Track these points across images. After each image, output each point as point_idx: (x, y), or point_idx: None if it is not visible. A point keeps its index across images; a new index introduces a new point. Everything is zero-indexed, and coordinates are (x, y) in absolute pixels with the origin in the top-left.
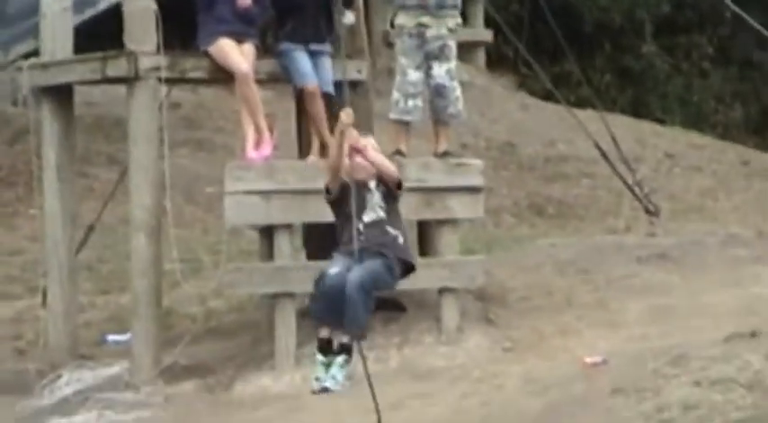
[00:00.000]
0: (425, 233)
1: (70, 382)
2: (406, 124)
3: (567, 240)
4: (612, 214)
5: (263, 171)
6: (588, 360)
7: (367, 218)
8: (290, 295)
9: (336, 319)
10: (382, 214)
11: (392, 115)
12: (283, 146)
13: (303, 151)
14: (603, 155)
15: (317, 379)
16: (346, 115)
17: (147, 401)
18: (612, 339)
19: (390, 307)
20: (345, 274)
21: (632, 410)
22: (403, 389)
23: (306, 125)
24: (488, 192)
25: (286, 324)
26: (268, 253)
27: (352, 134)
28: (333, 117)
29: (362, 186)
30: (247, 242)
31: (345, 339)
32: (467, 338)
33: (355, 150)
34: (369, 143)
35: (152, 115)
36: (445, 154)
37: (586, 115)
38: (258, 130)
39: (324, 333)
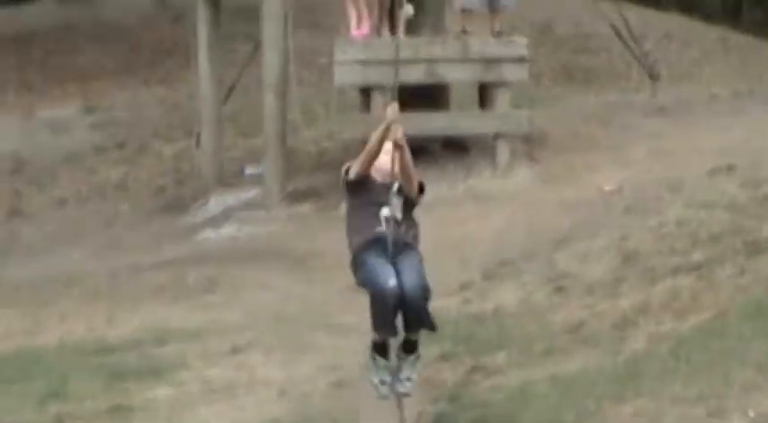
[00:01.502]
0: (485, 92)
1: (217, 203)
2: (469, 11)
3: (591, 99)
4: (624, 79)
5: (362, 45)
6: (607, 188)
7: (386, 213)
8: None
9: (392, 329)
10: (399, 216)
11: (457, 4)
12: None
13: (392, 30)
14: (618, 33)
15: (383, 383)
16: (393, 110)
17: (275, 218)
18: (625, 172)
19: (457, 148)
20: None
21: (640, 226)
22: (467, 209)
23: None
24: (531, 61)
25: None
26: (366, 106)
27: (398, 130)
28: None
29: (386, 185)
30: (351, 98)
31: (413, 337)
32: (515, 172)
33: (397, 147)
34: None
35: (280, 2)
36: (499, 33)
37: (605, 4)
38: (359, 14)
39: (379, 338)
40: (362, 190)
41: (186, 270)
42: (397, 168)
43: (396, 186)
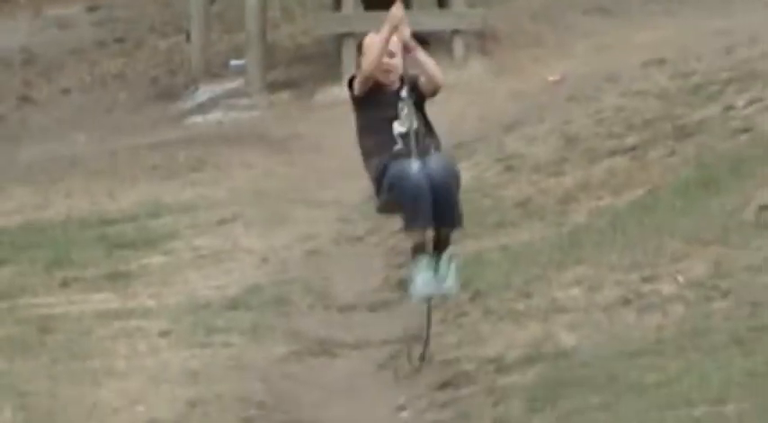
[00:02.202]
0: None
1: (205, 92)
2: None
3: None
4: None
5: None
6: (551, 78)
7: (401, 128)
8: (352, 34)
9: (428, 218)
10: (416, 125)
11: None
12: None
13: None
14: None
15: (427, 283)
16: (398, 9)
17: (257, 105)
18: (568, 65)
19: (419, 43)
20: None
21: (580, 112)
22: None
23: None
24: None
25: (349, 53)
26: (337, 6)
27: (405, 31)
28: None
29: (394, 93)
30: None
31: (444, 233)
32: (470, 65)
33: (406, 49)
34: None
35: None
36: None
37: None
38: None
39: (418, 238)
40: (371, 103)
41: (178, 151)
42: (410, 69)
43: (405, 91)
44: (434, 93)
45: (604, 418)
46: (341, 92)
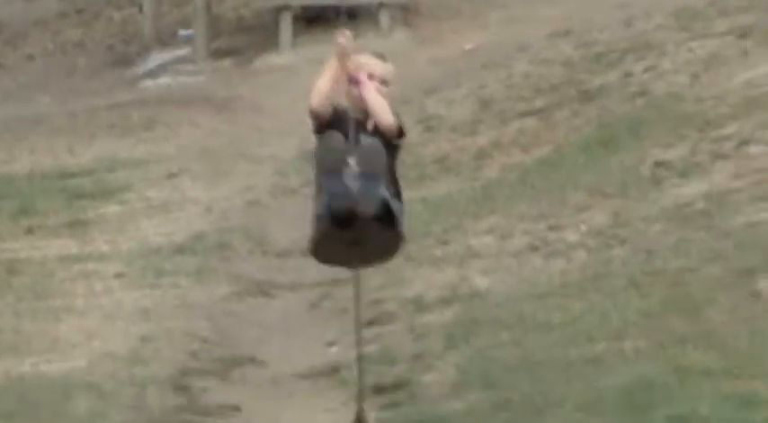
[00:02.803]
0: None
1: (156, 58)
2: None
3: None
4: None
5: None
6: (467, 47)
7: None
8: (289, 6)
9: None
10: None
11: None
12: None
13: None
14: None
15: None
16: (343, 36)
17: (203, 70)
18: (483, 36)
19: (348, 15)
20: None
21: (493, 78)
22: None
23: None
24: None
25: (286, 24)
26: None
27: (354, 60)
28: None
29: (359, 124)
30: None
31: None
32: (395, 35)
33: (353, 81)
34: (381, 73)
35: None
36: None
37: None
38: None
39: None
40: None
41: (131, 111)
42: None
43: (371, 125)
44: (392, 136)
45: (514, 353)
46: (278, 59)
